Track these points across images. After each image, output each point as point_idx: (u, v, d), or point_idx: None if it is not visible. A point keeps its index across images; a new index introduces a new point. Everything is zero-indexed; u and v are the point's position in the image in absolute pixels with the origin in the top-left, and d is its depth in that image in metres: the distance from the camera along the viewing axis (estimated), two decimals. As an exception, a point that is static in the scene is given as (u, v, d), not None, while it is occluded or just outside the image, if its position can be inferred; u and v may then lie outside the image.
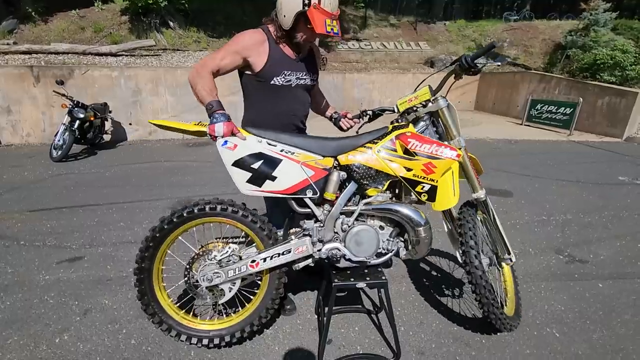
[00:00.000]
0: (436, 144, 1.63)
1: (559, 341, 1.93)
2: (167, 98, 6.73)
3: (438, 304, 2.22)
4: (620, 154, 6.94)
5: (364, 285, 1.72)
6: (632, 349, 1.89)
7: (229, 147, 1.61)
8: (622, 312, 2.19)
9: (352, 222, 1.72)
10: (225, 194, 3.99)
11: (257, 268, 1.69)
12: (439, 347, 1.87)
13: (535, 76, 11.00)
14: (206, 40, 8.81)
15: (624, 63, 9.47)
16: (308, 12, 1.56)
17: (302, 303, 2.19)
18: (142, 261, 1.67)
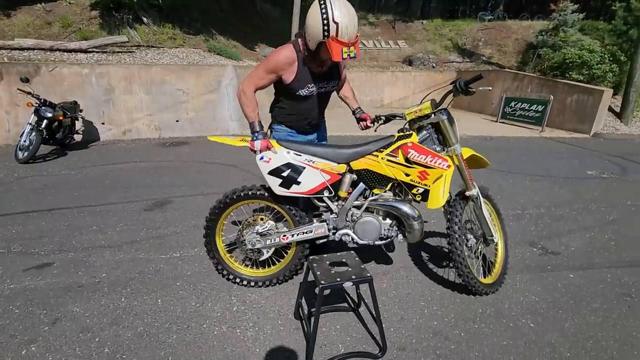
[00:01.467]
0: (432, 155, 2.00)
1: (534, 331, 1.99)
2: (142, 96, 6.52)
3: (418, 300, 2.24)
4: (588, 149, 7.26)
5: (350, 284, 1.72)
6: (601, 335, 1.98)
7: (265, 161, 2.05)
8: (591, 300, 2.28)
9: (360, 214, 2.15)
10: (204, 194, 3.91)
11: (286, 241, 2.18)
12: (419, 342, 1.89)
13: (509, 75, 11.34)
14: (182, 37, 8.58)
15: (590, 62, 9.90)
16: (327, 42, 1.78)
17: (284, 303, 2.17)
18: (209, 222, 2.23)
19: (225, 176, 4.58)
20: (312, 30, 1.80)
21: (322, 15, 1.72)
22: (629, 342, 1.93)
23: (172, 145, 6.23)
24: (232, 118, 7.30)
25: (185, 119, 6.90)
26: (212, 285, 2.33)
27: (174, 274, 2.44)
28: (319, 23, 1.74)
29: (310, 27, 1.80)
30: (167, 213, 3.41)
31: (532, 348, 1.87)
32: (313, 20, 1.78)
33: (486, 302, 2.23)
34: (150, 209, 3.49)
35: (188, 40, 8.67)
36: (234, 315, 2.05)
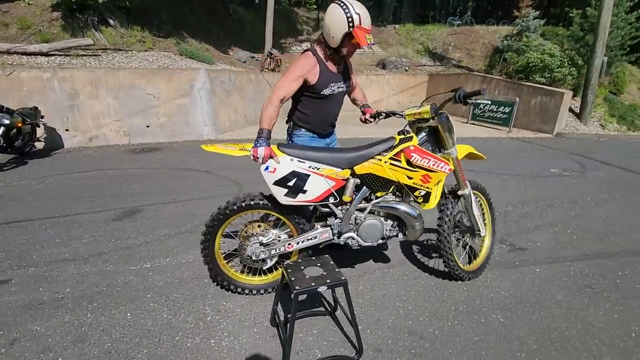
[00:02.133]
0: (434, 159, 2.10)
1: (503, 325, 2.06)
2: (109, 101, 6.27)
3: (394, 300, 2.27)
4: (551, 148, 7.65)
5: (325, 288, 1.72)
6: (565, 326, 2.07)
7: (270, 171, 2.01)
8: (556, 293, 2.39)
9: (363, 217, 2.21)
10: (176, 202, 3.80)
11: (292, 249, 2.17)
12: (395, 342, 1.91)
13: (478, 77, 11.78)
14: (152, 40, 8.34)
15: (551, 66, 10.45)
16: (353, 31, 1.97)
17: (260, 311, 2.14)
18: (208, 230, 2.12)
19: (199, 182, 4.48)
20: (335, 27, 1.99)
21: (344, 11, 1.95)
22: (589, 331, 2.04)
23: (143, 152, 6.02)
24: (206, 123, 7.16)
25: (156, 124, 6.70)
26: (184, 295, 2.26)
27: (145, 285, 2.36)
28: (342, 18, 1.96)
29: (333, 25, 2.00)
30: (137, 222, 3.29)
31: (502, 342, 1.93)
32: (336, 19, 1.98)
33: (459, 300, 2.29)
34: (118, 219, 3.36)
35: (158, 44, 8.45)
36: (208, 326, 2.00)
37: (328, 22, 2.03)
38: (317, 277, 1.77)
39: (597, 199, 4.37)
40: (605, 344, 1.95)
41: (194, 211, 3.57)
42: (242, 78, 8.65)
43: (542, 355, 1.84)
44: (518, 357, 1.84)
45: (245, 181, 4.54)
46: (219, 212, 2.10)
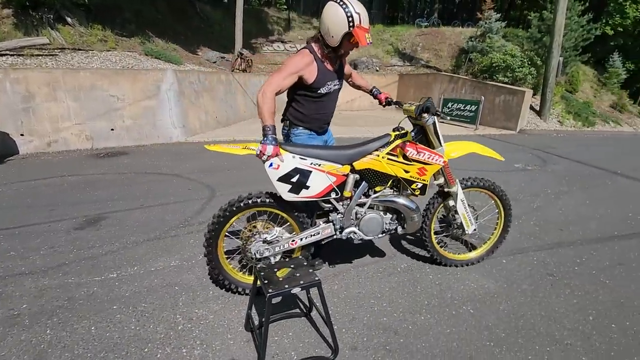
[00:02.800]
0: (429, 152, 2.22)
1: (473, 316, 2.13)
2: (69, 104, 5.93)
3: (369, 298, 2.29)
4: (514, 144, 8.02)
5: (298, 289, 1.71)
6: (530, 314, 2.17)
7: (274, 168, 2.03)
8: (521, 282, 2.51)
9: (364, 212, 2.28)
10: (144, 207, 3.65)
11: (295, 245, 2.20)
12: (370, 339, 1.93)
13: (445, 77, 12.17)
14: (114, 40, 7.98)
15: (513, 66, 10.96)
16: (353, 31, 2.00)
17: (233, 316, 2.09)
18: (211, 231, 2.11)
19: (168, 187, 4.33)
20: (335, 26, 2.01)
21: (344, 11, 1.97)
22: (552, 317, 2.15)
23: (107, 156, 5.75)
24: (175, 125, 6.94)
25: (121, 127, 6.41)
26: (154, 304, 2.17)
27: (110, 296, 2.24)
28: (342, 18, 1.98)
29: (333, 23, 2.02)
30: (102, 230, 3.13)
31: (472, 332, 2.00)
32: (335, 18, 2.00)
33: (431, 294, 2.34)
34: (81, 228, 3.18)
35: (121, 43, 8.10)
36: (179, 335, 1.93)
37: (327, 21, 2.04)
38: (290, 278, 1.75)
39: (557, 192, 4.62)
40: (567, 328, 2.06)
41: (163, 216, 3.44)
42: (212, 79, 8.46)
43: (509, 343, 1.92)
44: (487, 346, 1.90)
45: (217, 184, 4.44)
46: (222, 212, 2.09)
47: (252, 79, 10.56)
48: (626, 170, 6.07)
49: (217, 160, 5.64)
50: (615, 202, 4.36)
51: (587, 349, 1.90)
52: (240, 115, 9.47)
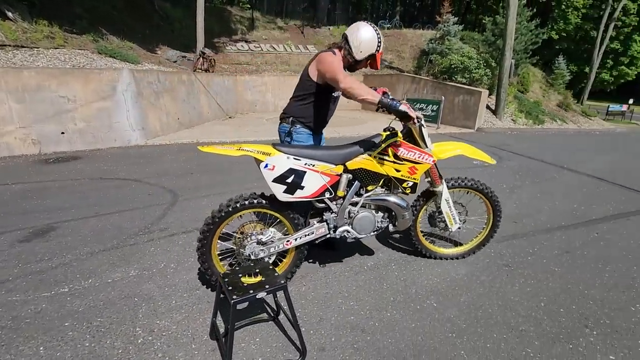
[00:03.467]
0: (419, 152, 2.29)
1: (436, 310, 2.21)
2: (10, 105, 5.46)
3: (336, 298, 2.31)
4: (473, 142, 8.42)
5: (264, 294, 1.68)
6: (488, 304, 2.29)
7: (269, 169, 2.08)
8: (480, 274, 2.63)
9: (357, 211, 2.34)
10: (99, 216, 3.44)
11: (290, 245, 2.25)
12: (338, 339, 1.94)
13: (408, 78, 12.55)
14: (63, 36, 7.45)
15: (470, 67, 11.51)
16: (377, 54, 2.32)
17: (198, 325, 2.02)
18: (204, 234, 2.12)
19: (126, 193, 4.11)
20: (367, 45, 2.26)
21: (377, 35, 2.26)
22: (508, 306, 2.27)
23: (58, 162, 5.36)
24: (133, 127, 6.61)
25: (73, 130, 6.00)
26: (111, 318, 2.05)
27: (61, 313, 2.09)
28: (375, 41, 2.27)
29: (367, 42, 2.25)
30: (51, 242, 2.91)
31: (436, 325, 2.07)
32: (371, 38, 2.25)
33: (397, 290, 2.40)
34: (27, 240, 2.94)
35: (71, 40, 7.59)
36: (139, 349, 1.84)
37: (363, 38, 2.25)
38: (255, 283, 1.72)
39: (512, 186, 4.91)
40: (521, 315, 2.19)
41: (120, 224, 3.26)
42: (173, 79, 8.15)
43: (470, 333, 2.01)
44: (450, 337, 1.98)
45: (180, 188, 4.28)
46: (215, 214, 2.10)
47: (216, 79, 10.29)
48: (571, 165, 6.58)
49: (180, 163, 5.44)
50: (562, 194, 4.70)
51: (539, 334, 2.03)
52: (204, 116, 9.21)
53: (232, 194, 4.15)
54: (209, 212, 2.16)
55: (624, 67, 25.36)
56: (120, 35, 9.22)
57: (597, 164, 6.86)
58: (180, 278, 2.46)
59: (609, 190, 5.03)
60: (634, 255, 3.05)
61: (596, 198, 4.63)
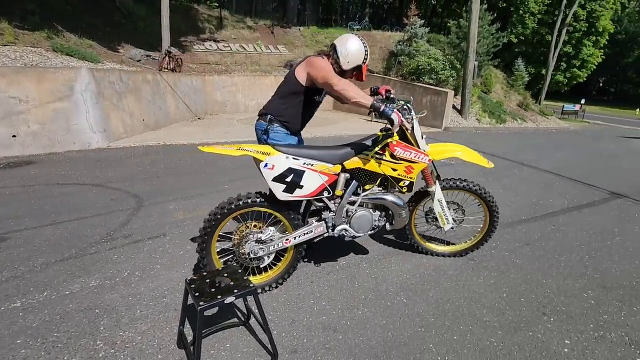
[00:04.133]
0: (415, 151, 2.35)
1: (406, 306, 2.26)
2: (-46, 107, 5.02)
3: (308, 299, 2.30)
4: (441, 141, 8.70)
5: (233, 299, 1.65)
6: (455, 297, 2.36)
7: (269, 168, 2.11)
8: (447, 269, 2.72)
9: (354, 210, 2.38)
10: (55, 224, 3.24)
11: (289, 244, 2.28)
12: (310, 340, 1.94)
13: (378, 79, 12.76)
14: (13, 33, 6.96)
15: (437, 69, 11.88)
16: (364, 66, 2.38)
17: (165, 335, 1.94)
18: (204, 234, 2.14)
19: (87, 199, 3.89)
20: (355, 57, 2.32)
21: (364, 48, 2.33)
22: (474, 299, 2.36)
23: (9, 167, 4.99)
24: (94, 129, 6.27)
25: (26, 133, 5.61)
26: (69, 333, 1.93)
27: (13, 330, 1.94)
28: (362, 53, 2.33)
29: (355, 54, 2.31)
30: (2, 254, 2.70)
31: (406, 321, 2.11)
32: (359, 50, 2.32)
33: (368, 288, 2.43)
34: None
35: (22, 38, 7.10)
36: (100, 363, 1.74)
37: (351, 50, 2.31)
38: (224, 288, 1.68)
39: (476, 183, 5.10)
40: (486, 306, 2.28)
41: (80, 232, 3.09)
42: (137, 79, 7.82)
43: (438, 327, 2.07)
44: (419, 332, 2.03)
45: (146, 193, 4.11)
46: (214, 214, 2.12)
47: (183, 79, 9.99)
48: (531, 162, 6.96)
49: (146, 166, 5.23)
50: (523, 189, 4.96)
51: (502, 324, 2.12)
52: (171, 117, 8.91)
53: (202, 197, 4.07)
54: (176, 217, 2.09)
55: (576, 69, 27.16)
56: (78, 33, 8.74)
57: (554, 161, 7.30)
58: (146, 286, 2.36)
59: (564, 185, 5.36)
60: (587, 245, 3.27)
61: (553, 192, 4.92)
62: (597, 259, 3.01)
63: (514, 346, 1.94)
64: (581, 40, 25.92)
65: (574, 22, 24.29)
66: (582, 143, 10.63)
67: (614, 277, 2.74)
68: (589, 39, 25.92)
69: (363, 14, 23.65)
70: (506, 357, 1.87)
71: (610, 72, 46.95)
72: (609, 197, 4.89)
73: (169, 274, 2.51)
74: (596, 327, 2.14)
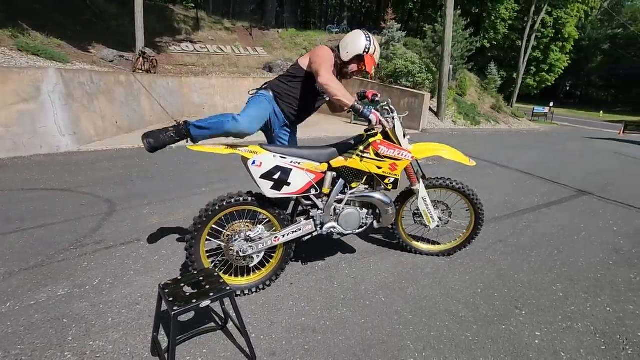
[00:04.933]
0: (398, 149, 2.40)
1: (384, 304, 2.28)
2: None
3: (287, 300, 2.28)
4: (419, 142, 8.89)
5: (208, 302, 1.61)
6: (432, 294, 2.41)
7: (257, 165, 2.13)
8: (424, 266, 2.77)
9: (342, 207, 2.42)
10: (19, 231, 3.07)
11: (278, 242, 2.28)
12: (289, 342, 1.92)
13: (357, 81, 12.90)
14: (-27, 31, 6.59)
15: (414, 71, 12.14)
16: (365, 56, 2.33)
17: (138, 342, 1.88)
18: (192, 234, 2.13)
19: (55, 204, 3.71)
20: (354, 46, 2.31)
21: (366, 39, 2.31)
22: (450, 294, 2.41)
23: (-31, 172, 4.70)
24: (63, 132, 6.01)
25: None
26: (34, 344, 1.83)
27: (-29, 344, 1.82)
28: (363, 43, 2.31)
29: (353, 43, 2.32)
30: (-41, 264, 2.54)
31: (384, 319, 2.13)
32: (357, 40, 2.32)
33: (347, 288, 2.44)
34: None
35: (-16, 35, 6.73)
36: (68, 375, 1.66)
37: (350, 40, 2.33)
38: (198, 292, 1.65)
39: (452, 182, 5.24)
40: (461, 302, 2.34)
41: (47, 239, 2.94)
42: (109, 79, 7.56)
43: (415, 324, 2.10)
44: (397, 329, 2.05)
45: (118, 197, 3.97)
46: (202, 213, 2.12)
47: (159, 80, 9.75)
48: (503, 161, 7.21)
49: (118, 170, 5.06)
50: (496, 188, 5.13)
51: (477, 318, 2.18)
52: (146, 120, 8.66)
53: (178, 200, 3.97)
54: (150, 221, 2.03)
55: (544, 73, 28.47)
56: (45, 32, 8.36)
57: (525, 160, 7.60)
58: (118, 293, 2.27)
59: (534, 183, 5.59)
60: (555, 241, 3.42)
61: (524, 190, 5.11)
62: (565, 253, 3.15)
63: (488, 339, 2.00)
64: (549, 45, 27.21)
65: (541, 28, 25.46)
66: (550, 143, 11.12)
67: (580, 270, 2.87)
68: (556, 44, 27.25)
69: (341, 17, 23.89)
70: (480, 350, 1.92)
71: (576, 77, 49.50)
72: (575, 194, 5.13)
73: (142, 279, 2.43)
74: (564, 318, 2.23)
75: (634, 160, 9.10)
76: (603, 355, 1.94)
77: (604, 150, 10.64)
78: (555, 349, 1.96)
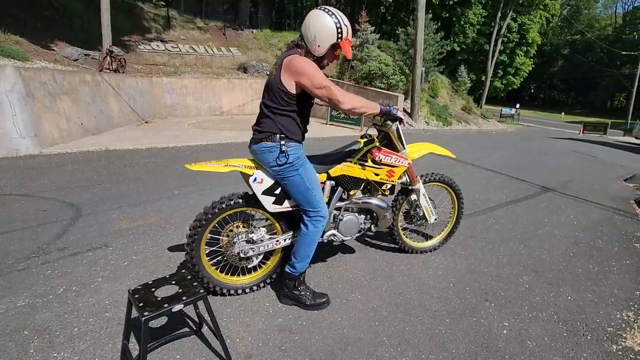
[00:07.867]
0: (395, 156, 2.45)
1: (361, 302, 2.31)
2: None
3: (264, 301, 2.26)
4: (393, 142, 9.06)
5: (181, 306, 1.57)
6: (406, 290, 2.46)
7: (258, 182, 2.11)
8: (399, 264, 2.83)
9: (341, 215, 2.44)
10: (-24, 239, 2.87)
11: (279, 245, 2.30)
12: (265, 344, 1.90)
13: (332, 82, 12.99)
14: None
15: (387, 73, 12.37)
16: (341, 43, 1.97)
17: (106, 351, 1.80)
18: (193, 234, 2.11)
19: (14, 210, 3.49)
20: (324, 35, 1.93)
21: (334, 22, 1.92)
22: (423, 290, 2.48)
23: None
24: (22, 134, 5.67)
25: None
26: (-8, 359, 1.72)
27: None
28: (332, 28, 1.92)
29: (321, 33, 1.92)
30: None
31: (360, 316, 2.16)
32: (325, 27, 1.92)
33: (323, 287, 2.44)
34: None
35: None
36: (29, 390, 1.57)
37: (315, 30, 1.93)
38: (170, 296, 1.60)
39: (426, 181, 5.38)
40: (434, 297, 2.40)
41: (5, 248, 2.76)
42: (74, 79, 7.21)
43: (390, 320, 2.14)
44: (373, 325, 2.08)
45: (84, 202, 3.79)
46: (204, 213, 2.11)
47: (127, 80, 9.40)
48: (473, 161, 7.48)
49: (85, 173, 4.83)
50: (467, 186, 5.30)
51: (449, 312, 2.25)
52: (114, 121, 8.33)
53: (149, 204, 3.84)
54: (120, 226, 1.95)
55: (510, 76, 29.83)
56: (1, 27, 7.87)
57: (494, 159, 7.92)
58: (84, 302, 2.17)
59: (502, 181, 5.83)
60: (521, 235, 3.58)
61: (493, 188, 5.33)
62: (530, 247, 3.31)
63: (460, 332, 2.07)
64: (514, 49, 28.53)
65: (507, 33, 26.67)
66: (517, 143, 11.65)
67: (544, 262, 3.03)
68: (521, 48, 28.62)
69: (316, 18, 24.02)
70: (453, 342, 1.98)
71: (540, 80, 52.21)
72: (540, 191, 5.41)
73: (111, 286, 2.33)
74: (530, 309, 2.34)
75: (592, 158, 9.70)
76: (565, 341, 2.05)
77: (565, 149, 11.27)
78: (522, 338, 2.05)
